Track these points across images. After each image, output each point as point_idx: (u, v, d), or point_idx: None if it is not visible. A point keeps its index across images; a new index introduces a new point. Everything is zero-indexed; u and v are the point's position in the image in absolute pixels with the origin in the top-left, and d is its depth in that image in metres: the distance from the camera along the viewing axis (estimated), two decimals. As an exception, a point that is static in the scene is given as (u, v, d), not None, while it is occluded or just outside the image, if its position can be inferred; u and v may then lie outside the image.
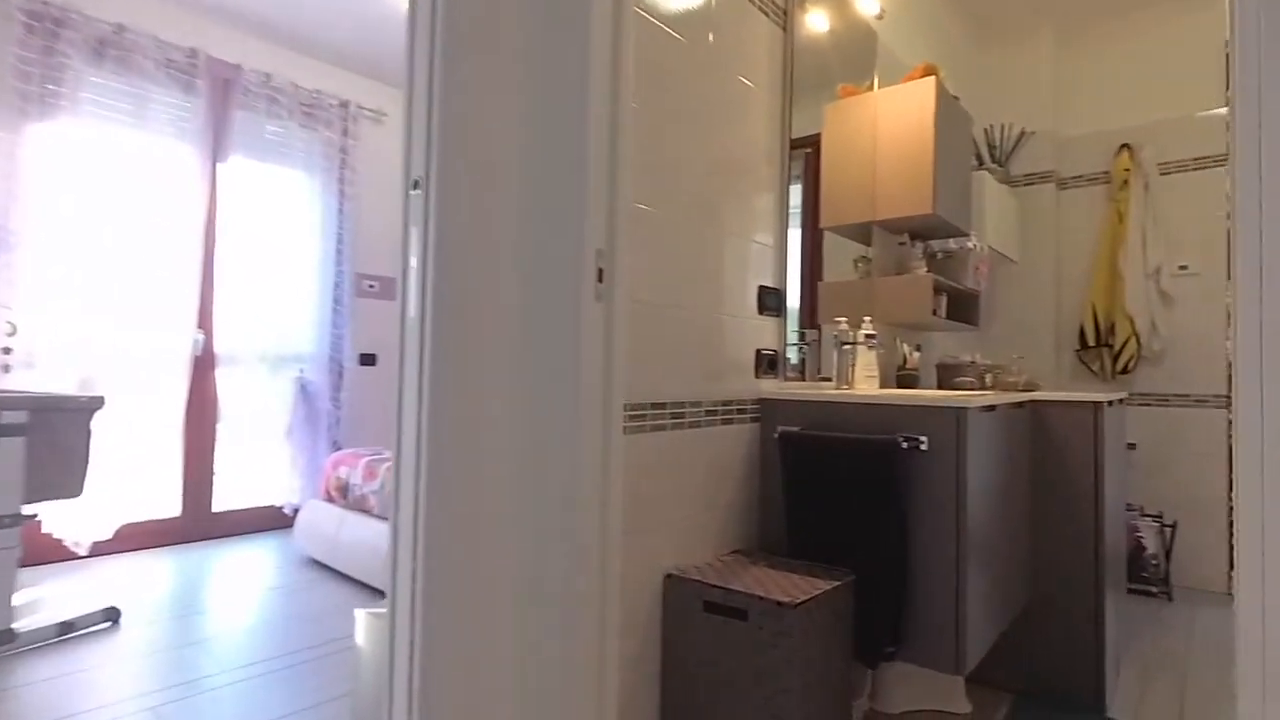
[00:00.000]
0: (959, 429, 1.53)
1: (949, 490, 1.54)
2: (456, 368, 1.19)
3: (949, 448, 1.54)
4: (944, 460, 1.55)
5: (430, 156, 1.19)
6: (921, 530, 1.58)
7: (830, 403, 1.77)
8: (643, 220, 1.54)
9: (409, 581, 1.14)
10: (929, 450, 1.57)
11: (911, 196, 2.32)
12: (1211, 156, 3.13)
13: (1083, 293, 3.37)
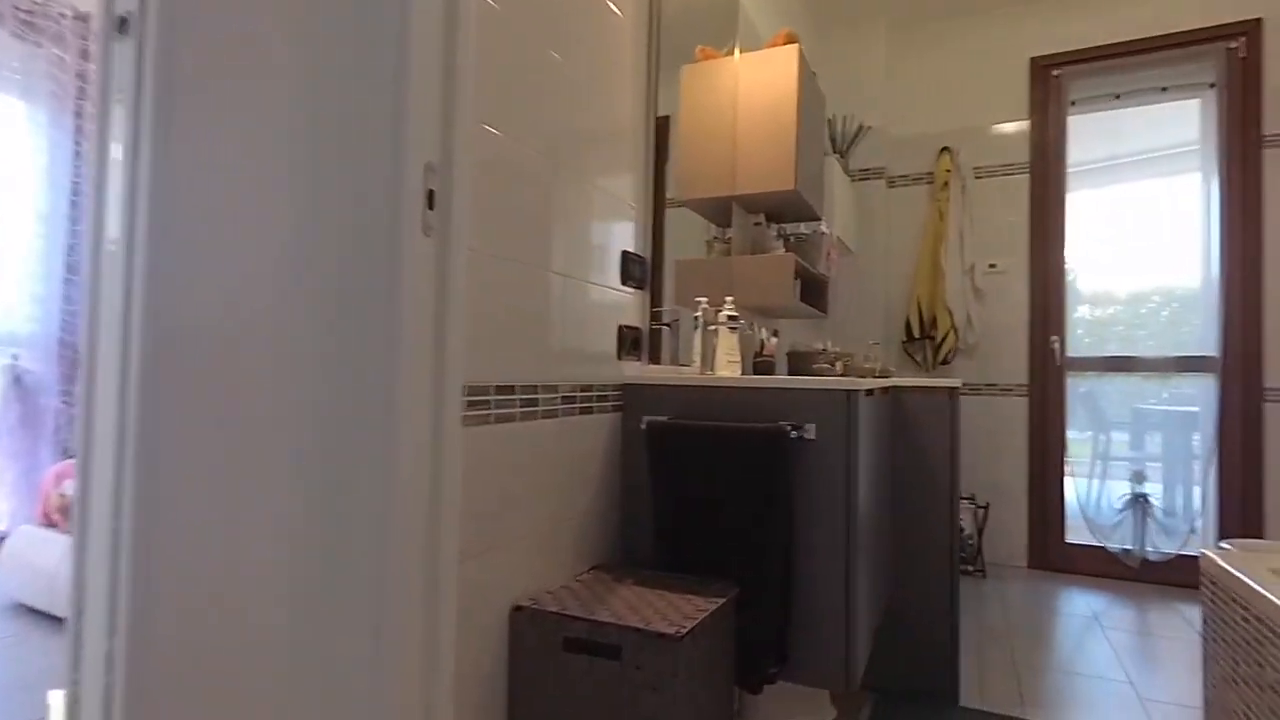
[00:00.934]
0: (849, 415, 1.36)
1: (838, 484, 1.36)
2: (192, 336, 0.76)
3: (838, 436, 1.37)
4: (833, 450, 1.37)
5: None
6: (809, 530, 1.39)
7: (704, 388, 1.53)
8: (488, 146, 1.19)
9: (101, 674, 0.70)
10: (816, 439, 1.38)
11: (773, 171, 2.17)
12: (1016, 164, 3.39)
13: (909, 287, 3.50)
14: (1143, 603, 2.85)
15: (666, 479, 1.46)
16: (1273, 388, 2.94)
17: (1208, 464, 3.05)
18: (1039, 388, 3.30)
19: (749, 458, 1.36)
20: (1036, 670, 2.17)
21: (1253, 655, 1.47)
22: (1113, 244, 3.31)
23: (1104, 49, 3.25)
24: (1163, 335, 3.24)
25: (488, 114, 1.20)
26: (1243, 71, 3.06)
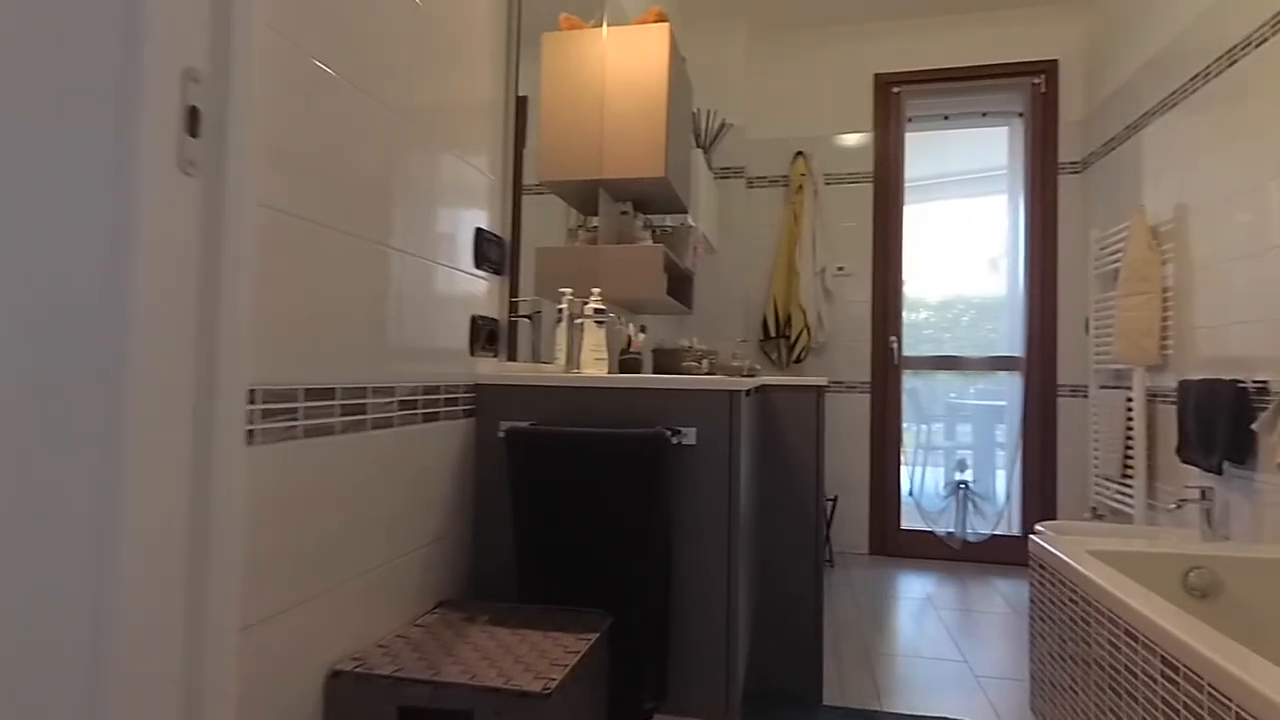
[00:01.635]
0: (732, 418, 1.26)
1: (721, 493, 1.26)
2: None
3: (720, 440, 1.27)
4: (715, 456, 1.27)
5: None
6: (690, 546, 1.27)
7: (571, 389, 1.37)
8: (305, 76, 0.95)
9: None
10: (697, 445, 1.27)
11: (643, 156, 2.05)
12: (861, 173, 3.55)
13: (766, 286, 3.56)
14: (965, 581, 3.09)
15: (529, 495, 1.28)
16: (1064, 384, 3.31)
17: (1015, 452, 3.38)
18: (879, 385, 3.49)
19: (625, 467, 1.22)
20: (886, 658, 2.24)
21: (1079, 633, 1.57)
22: (937, 254, 3.59)
23: (936, 72, 3.50)
24: (977, 338, 3.57)
25: (311, 36, 0.95)
26: (1043, 105, 3.42)
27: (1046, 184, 3.40)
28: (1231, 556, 1.71)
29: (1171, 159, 2.57)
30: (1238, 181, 2.18)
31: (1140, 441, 2.60)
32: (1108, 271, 2.93)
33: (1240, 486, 2.08)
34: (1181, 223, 2.47)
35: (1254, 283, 2.08)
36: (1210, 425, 2.10)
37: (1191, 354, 2.38)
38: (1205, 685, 1.08)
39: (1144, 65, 2.77)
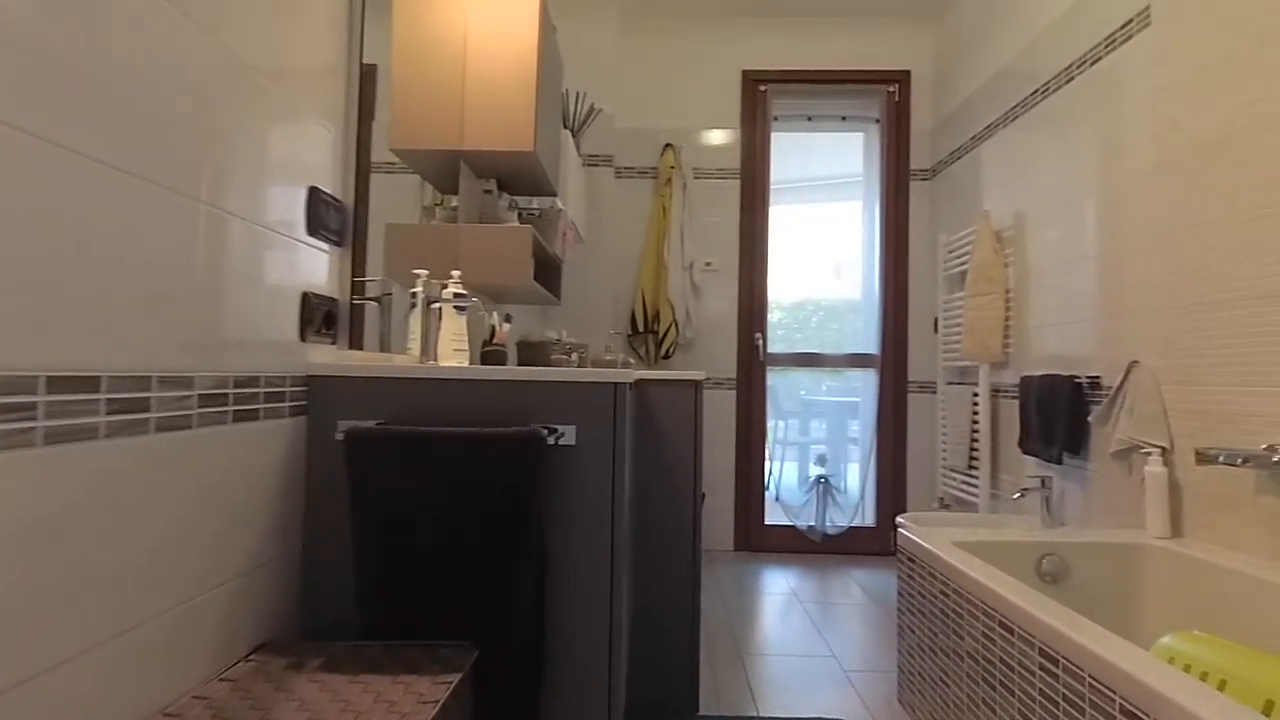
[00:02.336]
0: (616, 413, 1.11)
1: (602, 498, 1.11)
2: None
3: (603, 440, 1.11)
4: (597, 457, 1.11)
5: None
6: (567, 561, 1.11)
7: (427, 381, 1.15)
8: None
9: None
10: (577, 445, 1.10)
11: (510, 127, 1.85)
12: (729, 169, 3.55)
13: (634, 279, 3.46)
14: (825, 574, 3.17)
15: (374, 508, 1.05)
16: (914, 380, 3.51)
17: (870, 447, 3.53)
18: (744, 381, 3.50)
19: (493, 473, 1.03)
20: (758, 658, 2.20)
21: (951, 626, 1.59)
22: (791, 257, 3.68)
23: (801, 73, 3.57)
24: (825, 339, 3.69)
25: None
26: (897, 113, 3.60)
27: (900, 189, 3.57)
28: (1075, 542, 1.82)
29: (1010, 170, 2.76)
30: (1063, 195, 2.36)
31: (985, 434, 2.77)
32: (955, 274, 3.11)
33: (1075, 475, 2.24)
34: (1020, 229, 2.66)
35: (1076, 287, 2.25)
36: (1050, 418, 2.25)
37: (1030, 351, 2.56)
38: (1086, 677, 1.09)
39: (987, 81, 2.96)
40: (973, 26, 3.14)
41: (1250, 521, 1.62)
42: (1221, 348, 1.71)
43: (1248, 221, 1.64)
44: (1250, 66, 1.64)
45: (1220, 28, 1.74)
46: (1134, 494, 1.98)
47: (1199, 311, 1.78)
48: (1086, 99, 2.26)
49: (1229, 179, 1.70)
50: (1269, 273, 1.58)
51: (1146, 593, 1.78)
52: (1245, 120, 1.66)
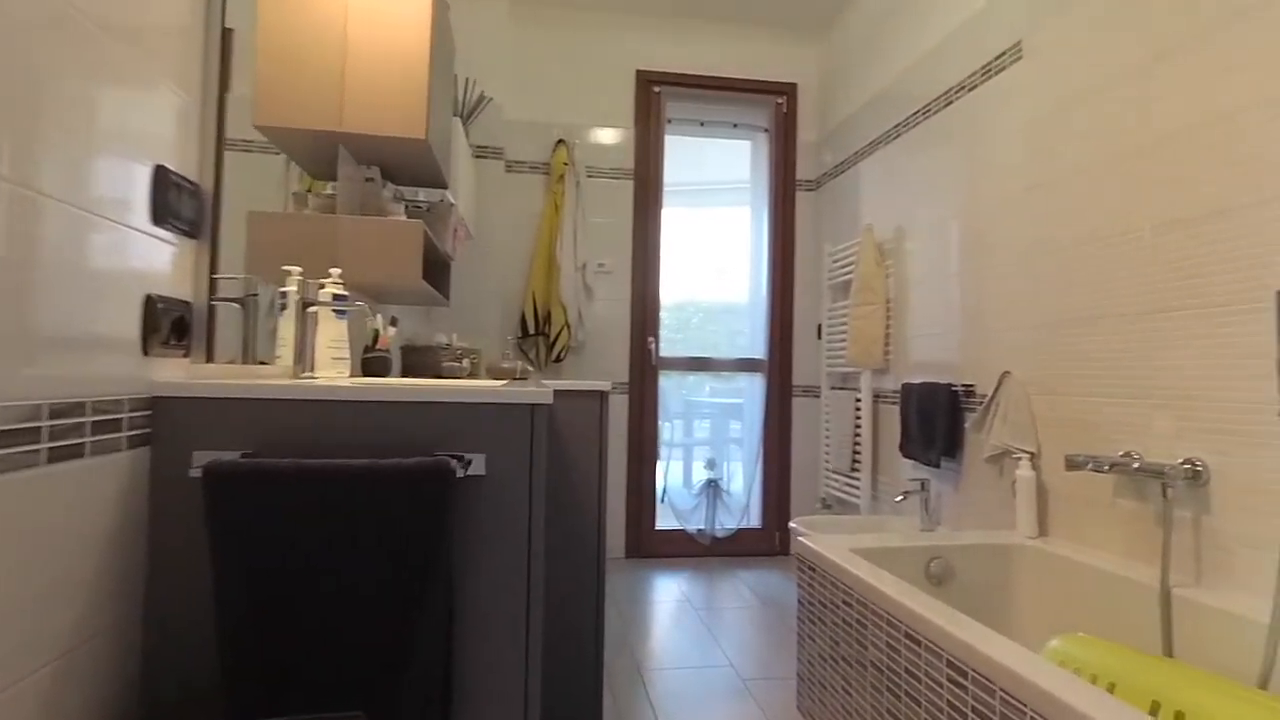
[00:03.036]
0: (533, 438, 1.00)
1: (517, 534, 0.99)
2: None
3: (517, 468, 0.99)
4: (510, 489, 0.99)
5: None
6: (477, 605, 0.98)
7: (310, 402, 0.98)
8: None
9: None
10: (488, 475, 0.98)
11: (399, 110, 1.67)
12: (622, 169, 3.49)
13: (525, 279, 3.32)
14: (714, 578, 3.19)
15: (243, 560, 0.87)
16: (799, 385, 3.61)
17: (757, 450, 3.60)
18: (637, 385, 3.46)
19: (390, 513, 0.88)
20: (657, 672, 2.15)
21: (854, 635, 1.61)
22: (676, 259, 3.68)
23: (695, 77, 3.57)
24: (704, 341, 3.72)
25: None
26: (785, 124, 3.69)
27: (786, 199, 3.67)
28: (958, 545, 1.92)
29: (890, 186, 2.89)
30: (939, 212, 2.50)
31: (867, 438, 2.89)
32: (839, 283, 3.23)
33: (951, 478, 2.38)
34: (899, 243, 2.79)
35: (952, 299, 2.39)
36: (930, 424, 2.37)
37: (908, 359, 2.69)
38: (997, 690, 1.11)
39: (870, 100, 3.09)
40: (856, 46, 3.27)
41: (1108, 522, 1.77)
42: (1084, 361, 1.86)
43: (1107, 245, 1.79)
44: (1110, 102, 1.79)
45: (1084, 65, 1.88)
46: (1004, 496, 2.13)
47: (1064, 327, 1.93)
48: (963, 123, 2.40)
49: (1091, 205, 1.85)
50: (1124, 293, 1.73)
51: (1020, 589, 1.90)
52: (1105, 151, 1.80)
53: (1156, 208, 1.65)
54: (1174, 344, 1.59)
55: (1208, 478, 1.50)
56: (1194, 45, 1.56)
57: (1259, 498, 1.40)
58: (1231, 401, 1.46)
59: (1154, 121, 1.66)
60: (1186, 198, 1.57)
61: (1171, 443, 1.59)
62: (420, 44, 1.70)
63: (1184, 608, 1.48)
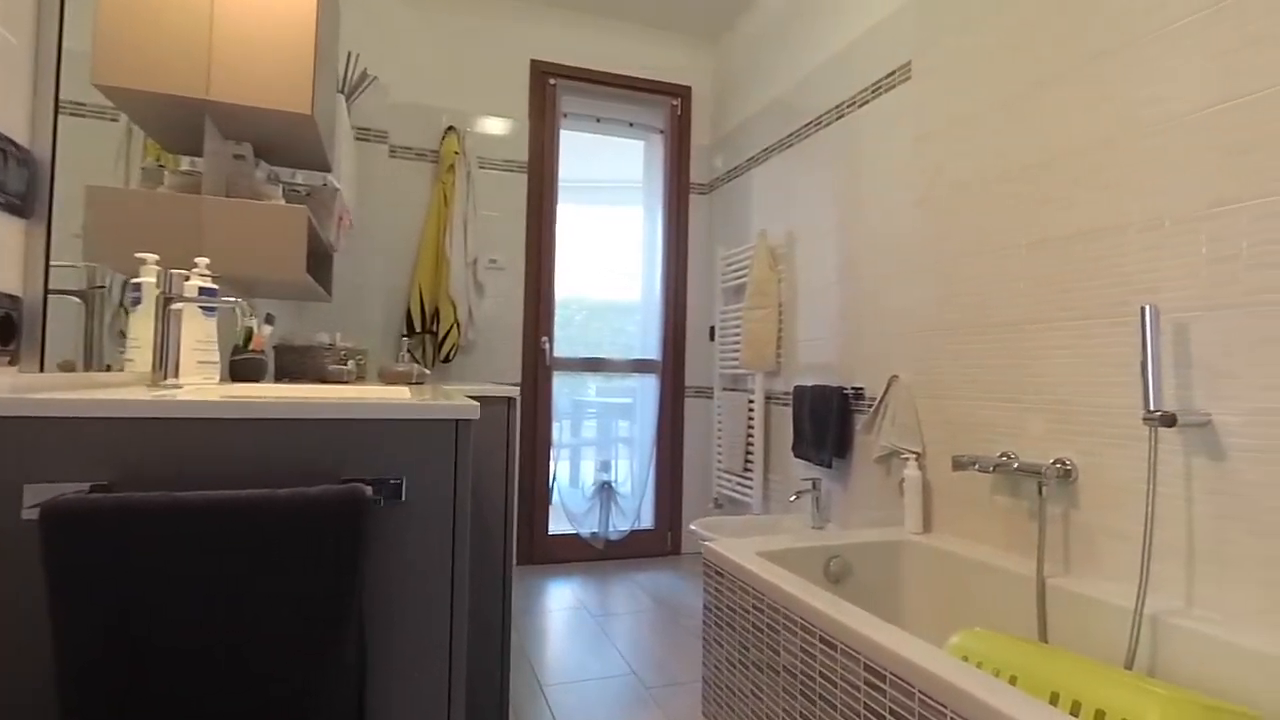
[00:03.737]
0: (458, 458, 0.89)
1: (439, 568, 0.88)
2: None
3: (441, 490, 0.89)
4: (434, 515, 0.88)
5: None
6: (394, 651, 0.86)
7: (180, 420, 0.82)
8: None
9: None
10: (405, 500, 0.87)
11: (280, 81, 1.48)
12: (516, 162, 3.35)
13: (409, 274, 3.10)
14: (609, 582, 3.15)
15: (95, 622, 0.71)
16: (691, 385, 3.65)
17: (650, 451, 3.60)
18: (530, 386, 3.34)
19: (292, 554, 0.75)
20: (559, 687, 2.07)
21: (765, 640, 1.62)
22: (580, 255, 3.61)
23: (592, 73, 3.50)
24: (588, 338, 3.68)
25: None
26: (679, 126, 3.71)
27: (680, 201, 3.68)
28: (854, 543, 1.99)
29: (782, 193, 2.97)
30: (830, 221, 2.60)
31: (760, 439, 2.96)
32: (731, 286, 3.28)
33: (840, 477, 2.47)
34: (791, 249, 2.87)
35: (841, 305, 2.50)
36: (823, 426, 2.46)
37: (799, 362, 2.78)
38: (916, 692, 1.14)
39: (763, 108, 3.16)
40: (749, 54, 3.33)
41: (987, 517, 1.91)
42: (966, 366, 1.98)
43: (989, 259, 1.92)
44: (994, 124, 1.92)
45: (969, 88, 2.01)
46: (891, 494, 2.24)
47: (947, 334, 2.05)
48: (854, 137, 2.50)
49: (972, 221, 1.98)
50: (1004, 304, 1.87)
51: (909, 583, 2.00)
52: (986, 171, 1.94)
53: (1032, 226, 1.79)
54: (1047, 353, 1.73)
55: (1076, 476, 1.65)
56: (1069, 77, 1.70)
57: (1121, 494, 1.54)
58: (1097, 406, 1.60)
59: (1031, 146, 1.80)
60: (1059, 218, 1.71)
61: (1044, 444, 1.73)
62: (306, 5, 1.51)
63: (1056, 595, 1.61)
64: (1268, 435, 1.29)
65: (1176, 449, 1.43)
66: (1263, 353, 1.30)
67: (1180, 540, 1.43)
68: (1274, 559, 1.28)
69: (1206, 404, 1.38)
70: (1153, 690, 1.06)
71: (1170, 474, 1.44)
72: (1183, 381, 1.43)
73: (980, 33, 1.98)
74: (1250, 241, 1.33)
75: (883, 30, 2.37)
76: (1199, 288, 1.40)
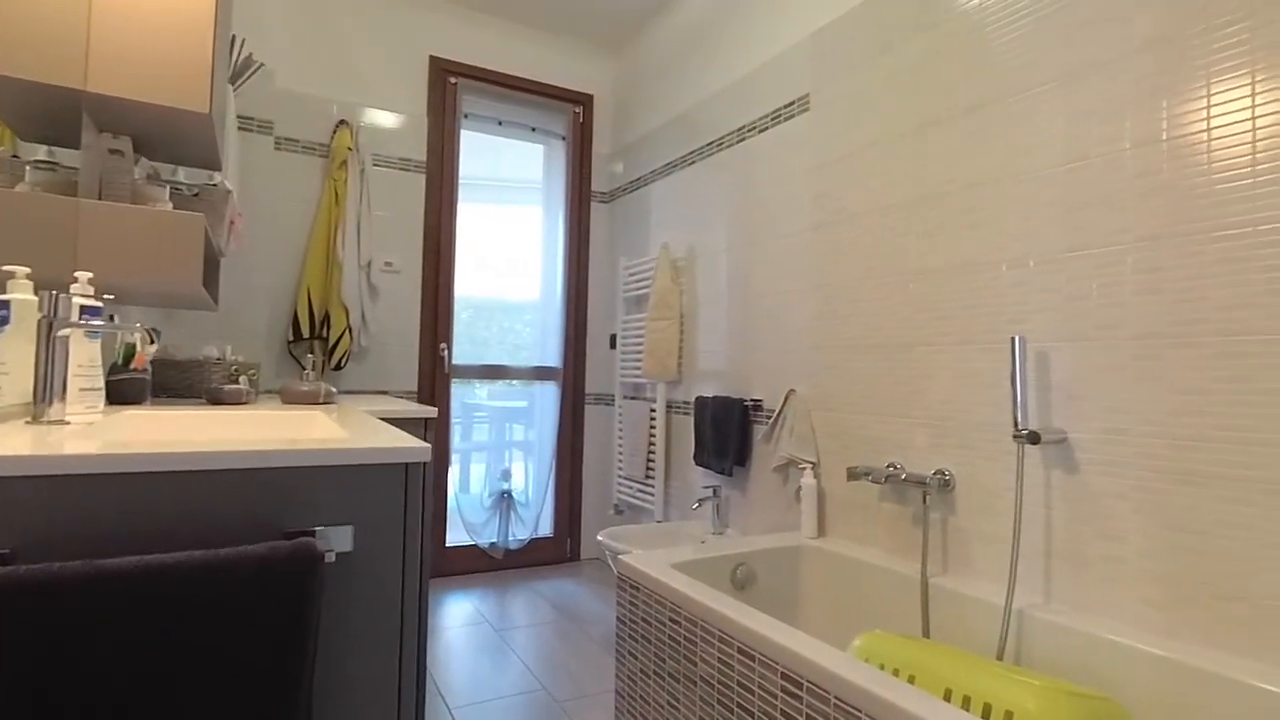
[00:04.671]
0: (407, 505, 0.87)
1: (390, 622, 0.85)
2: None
3: (389, 540, 0.85)
4: (382, 568, 0.85)
5: None
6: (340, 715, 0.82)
7: (95, 476, 0.74)
8: None
9: None
10: (354, 551, 0.83)
11: (174, 76, 1.35)
12: (414, 161, 3.22)
13: (296, 276, 2.90)
14: (511, 592, 3.11)
15: (8, 709, 0.63)
16: (591, 393, 3.67)
17: (551, 458, 3.58)
18: (428, 394, 3.23)
19: (233, 623, 0.70)
20: (469, 709, 2.03)
21: (683, 652, 1.68)
22: (479, 257, 3.53)
23: (494, 74, 3.43)
24: (474, 335, 3.63)
25: None
26: (581, 134, 3.72)
27: (582, 208, 3.69)
28: (757, 550, 2.09)
29: (683, 208, 3.06)
30: (730, 238, 2.72)
31: (661, 447, 3.03)
32: (633, 296, 3.34)
33: (740, 485, 2.59)
34: (692, 263, 2.97)
35: (740, 320, 2.62)
36: (724, 435, 2.56)
37: (699, 372, 2.88)
38: (831, 698, 1.24)
39: (665, 123, 3.23)
40: (652, 69, 3.40)
41: (876, 522, 2.07)
42: (857, 382, 2.14)
43: (877, 284, 2.09)
44: (882, 160, 2.09)
45: (860, 124, 2.17)
46: (787, 500, 2.38)
47: (841, 351, 2.20)
48: (755, 159, 2.63)
49: (865, 248, 2.14)
50: (891, 326, 2.04)
51: (807, 585, 2.14)
52: (877, 202, 2.10)
53: (916, 256, 1.96)
54: (929, 372, 1.91)
55: (954, 485, 1.83)
56: (948, 124, 1.88)
57: (992, 501, 1.73)
58: (973, 423, 1.79)
59: (915, 183, 1.97)
60: (940, 251, 1.89)
61: (927, 455, 1.91)
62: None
63: (938, 594, 1.78)
64: (1112, 451, 1.50)
65: (1039, 462, 1.63)
66: (1108, 379, 1.51)
67: (1040, 542, 1.63)
68: (1115, 557, 1.49)
69: (1064, 423, 1.59)
70: (1029, 682, 1.21)
71: (1033, 484, 1.64)
72: (1044, 403, 1.63)
73: (869, 73, 2.14)
74: (1098, 284, 1.53)
75: (784, 61, 2.50)
76: (1058, 321, 1.61)
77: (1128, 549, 1.47)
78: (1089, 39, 1.57)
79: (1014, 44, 1.73)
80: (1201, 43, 1.38)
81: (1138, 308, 1.46)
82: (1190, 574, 1.37)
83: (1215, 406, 1.35)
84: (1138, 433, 1.46)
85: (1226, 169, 1.34)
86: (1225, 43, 1.35)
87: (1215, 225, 1.35)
